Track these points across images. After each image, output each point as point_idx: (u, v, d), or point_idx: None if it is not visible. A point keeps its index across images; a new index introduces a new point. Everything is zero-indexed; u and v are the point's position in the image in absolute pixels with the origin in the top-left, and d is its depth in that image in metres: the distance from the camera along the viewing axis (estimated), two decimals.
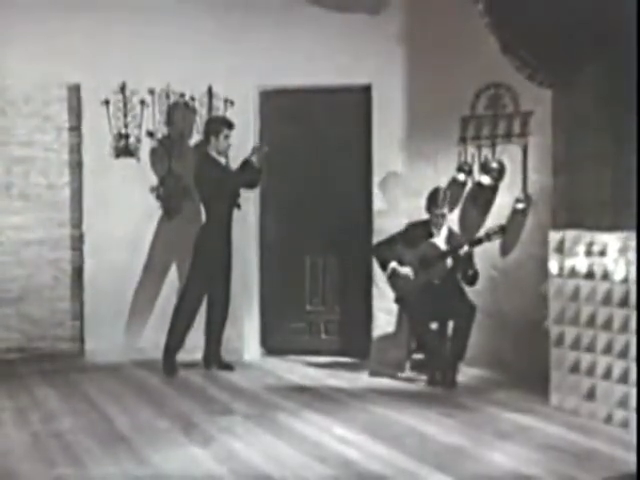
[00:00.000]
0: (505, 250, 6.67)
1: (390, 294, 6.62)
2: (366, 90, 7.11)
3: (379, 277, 6.78)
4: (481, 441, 4.71)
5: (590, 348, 5.16)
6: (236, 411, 5.37)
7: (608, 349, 5.04)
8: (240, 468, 4.23)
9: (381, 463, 4.32)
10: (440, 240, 6.42)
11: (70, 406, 5.53)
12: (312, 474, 4.15)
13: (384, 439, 4.72)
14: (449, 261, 6.29)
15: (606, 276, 5.06)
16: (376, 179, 7.09)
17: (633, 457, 4.32)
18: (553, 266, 5.42)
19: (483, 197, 6.77)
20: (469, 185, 6.85)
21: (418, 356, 6.55)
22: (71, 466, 4.26)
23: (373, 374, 6.49)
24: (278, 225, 7.42)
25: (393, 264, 6.40)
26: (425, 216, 6.47)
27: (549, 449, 4.55)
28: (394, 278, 6.44)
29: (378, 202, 7.08)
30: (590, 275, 5.17)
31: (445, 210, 6.38)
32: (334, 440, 4.72)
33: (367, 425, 5.02)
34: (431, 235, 6.44)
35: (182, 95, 7.14)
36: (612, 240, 5.02)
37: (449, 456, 4.46)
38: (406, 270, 6.35)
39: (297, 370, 6.76)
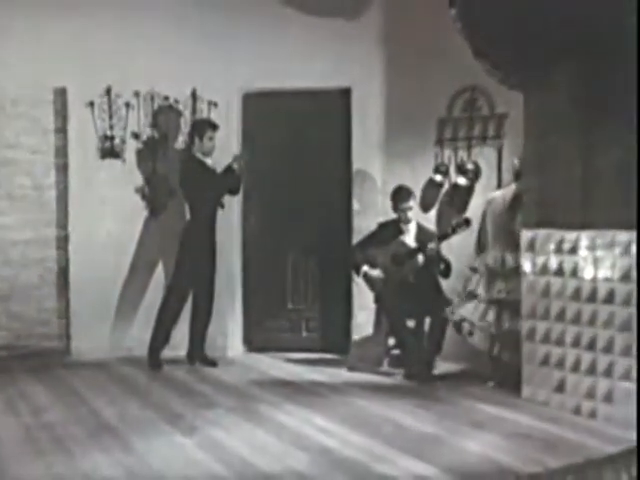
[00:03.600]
0: (481, 248, 6.86)
1: (369, 293, 6.82)
2: (346, 93, 7.30)
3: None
4: (455, 430, 4.90)
5: (559, 342, 5.36)
6: (219, 404, 5.55)
7: (576, 342, 5.24)
8: (223, 455, 4.40)
9: (359, 451, 4.50)
10: (409, 237, 6.64)
11: (58, 399, 5.70)
12: (292, 461, 4.32)
13: (362, 429, 4.91)
14: (420, 258, 6.49)
15: (575, 273, 5.27)
16: (355, 180, 7.29)
17: (598, 444, 4.56)
18: (525, 264, 5.63)
19: (459, 197, 6.98)
20: (446, 186, 7.08)
21: (396, 353, 6.75)
22: (60, 455, 4.42)
23: (351, 369, 6.68)
24: (260, 225, 7.59)
25: (364, 268, 6.61)
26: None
27: (520, 437, 4.75)
28: (369, 280, 6.65)
29: (357, 202, 7.28)
30: (560, 272, 5.37)
31: (411, 203, 6.59)
32: (314, 430, 4.90)
33: (346, 416, 5.21)
34: (401, 233, 6.65)
35: (166, 98, 7.30)
36: (581, 238, 5.24)
37: (424, 444, 4.65)
38: (376, 272, 6.56)
39: (279, 366, 6.94)
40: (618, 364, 4.98)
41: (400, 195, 6.64)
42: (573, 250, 5.28)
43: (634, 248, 4.88)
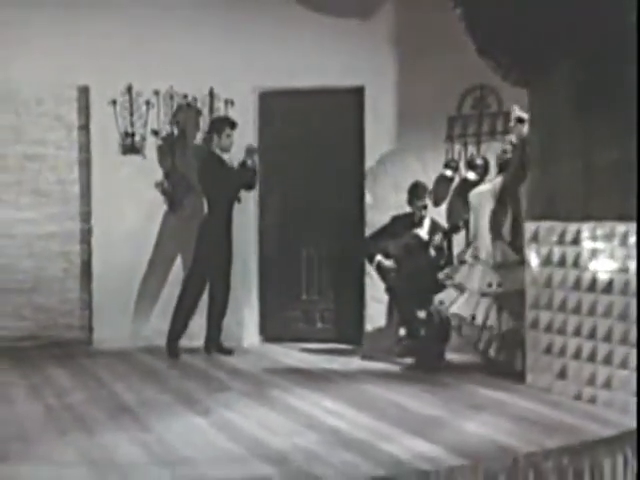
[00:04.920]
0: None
1: (381, 284, 7.03)
2: (359, 91, 7.51)
3: (371, 268, 7.18)
4: (459, 413, 5.11)
5: (561, 331, 5.55)
6: (233, 388, 5.80)
7: (577, 331, 5.42)
8: (236, 434, 4.63)
9: (365, 431, 4.71)
10: (423, 231, 6.85)
11: (80, 384, 5.97)
12: (302, 440, 4.53)
13: (370, 411, 5.12)
14: (432, 250, 6.71)
15: (576, 264, 5.45)
16: (368, 175, 7.50)
17: (597, 428, 4.74)
18: (529, 255, 5.81)
19: (469, 192, 7.15)
20: (456, 180, 7.28)
21: (407, 342, 6.95)
22: (82, 433, 4.68)
23: (364, 358, 6.89)
24: (276, 219, 7.82)
25: (378, 257, 6.83)
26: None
27: (520, 420, 4.93)
28: (382, 270, 6.87)
29: (370, 197, 7.48)
30: (562, 263, 5.55)
31: (426, 201, 6.81)
32: (323, 412, 5.12)
33: (354, 399, 5.43)
34: (414, 226, 6.87)
35: (185, 96, 7.55)
36: (582, 230, 5.42)
37: (428, 425, 4.85)
38: (389, 262, 6.77)
39: (293, 355, 7.18)
40: (617, 352, 5.15)
41: (416, 191, 6.86)
42: (574, 241, 5.46)
43: (631, 239, 5.05)
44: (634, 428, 4.63)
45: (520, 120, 6.11)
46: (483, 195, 6.45)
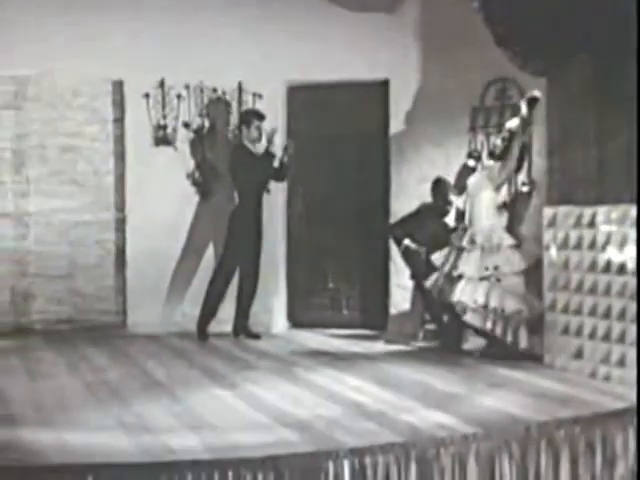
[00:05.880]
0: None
1: (405, 271, 7.24)
2: (384, 84, 7.72)
3: (395, 255, 7.39)
4: (477, 390, 5.30)
5: (578, 311, 5.72)
6: (260, 367, 6.07)
7: (593, 311, 5.60)
8: (261, 405, 4.87)
9: (386, 404, 4.92)
10: (450, 219, 7.04)
11: (115, 362, 6.27)
12: (324, 411, 4.74)
13: (390, 387, 5.34)
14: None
15: (592, 246, 5.63)
16: (393, 166, 7.70)
17: (609, 402, 4.90)
18: (547, 239, 5.99)
19: None
20: (479, 170, 7.45)
21: (431, 327, 7.15)
22: (118, 403, 4.95)
23: (388, 342, 7.10)
24: (304, 209, 8.05)
25: (406, 241, 7.04)
26: None
27: (535, 396, 5.11)
28: (408, 255, 7.07)
29: (394, 186, 7.68)
30: (578, 246, 5.73)
31: (449, 197, 7.02)
32: (346, 388, 5.35)
33: (376, 377, 5.65)
34: (441, 217, 7.07)
35: (215, 90, 7.81)
36: (597, 213, 5.58)
37: (447, 400, 5.04)
38: (417, 246, 6.98)
39: (319, 339, 7.41)
40: (630, 331, 5.32)
41: (438, 188, 7.10)
42: (590, 224, 5.63)
43: None
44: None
45: (531, 101, 6.24)
46: (481, 181, 6.64)
